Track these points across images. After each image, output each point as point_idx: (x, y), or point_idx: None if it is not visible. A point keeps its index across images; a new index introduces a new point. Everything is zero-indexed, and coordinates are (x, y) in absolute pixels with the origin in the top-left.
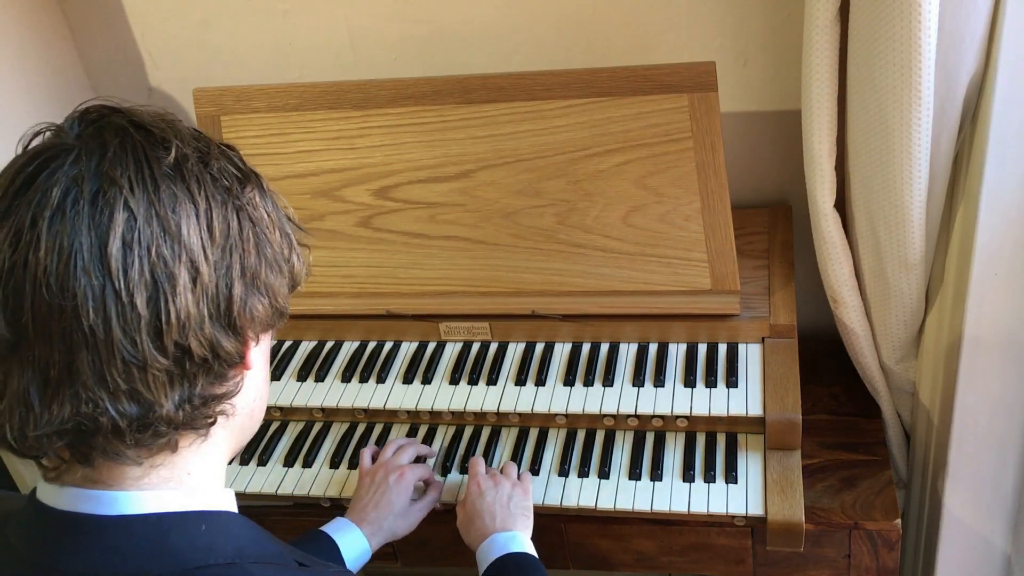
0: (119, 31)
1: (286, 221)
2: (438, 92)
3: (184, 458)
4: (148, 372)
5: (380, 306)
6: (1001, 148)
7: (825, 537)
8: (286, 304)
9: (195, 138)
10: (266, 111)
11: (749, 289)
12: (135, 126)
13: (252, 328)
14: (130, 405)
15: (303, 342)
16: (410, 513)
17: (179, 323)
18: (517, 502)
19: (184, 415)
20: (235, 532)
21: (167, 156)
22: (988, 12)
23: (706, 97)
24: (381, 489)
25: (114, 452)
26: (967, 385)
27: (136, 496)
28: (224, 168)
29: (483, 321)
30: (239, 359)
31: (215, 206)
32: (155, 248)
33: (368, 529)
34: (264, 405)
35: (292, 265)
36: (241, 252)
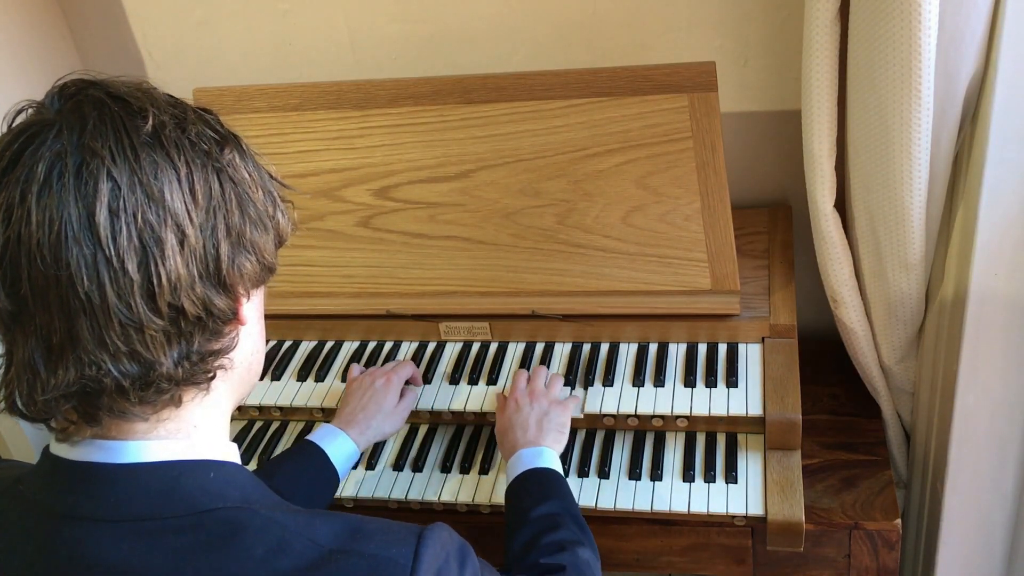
0: (119, 31)
1: (268, 180)
2: (438, 92)
3: (189, 411)
4: (145, 333)
5: (380, 306)
6: (1001, 148)
7: (825, 537)
8: (274, 260)
9: (172, 104)
10: (266, 111)
11: (749, 289)
12: (112, 97)
13: (242, 285)
14: (131, 365)
15: (303, 342)
16: (397, 412)
17: (171, 285)
18: (552, 418)
19: (184, 371)
20: (241, 480)
21: (145, 124)
22: (988, 12)
23: (706, 97)
24: (368, 394)
25: (120, 410)
26: (967, 385)
27: (146, 445)
28: (202, 132)
29: (483, 321)
30: (232, 315)
31: (195, 170)
32: (141, 214)
33: (355, 430)
34: (262, 359)
35: (277, 221)
36: (225, 212)
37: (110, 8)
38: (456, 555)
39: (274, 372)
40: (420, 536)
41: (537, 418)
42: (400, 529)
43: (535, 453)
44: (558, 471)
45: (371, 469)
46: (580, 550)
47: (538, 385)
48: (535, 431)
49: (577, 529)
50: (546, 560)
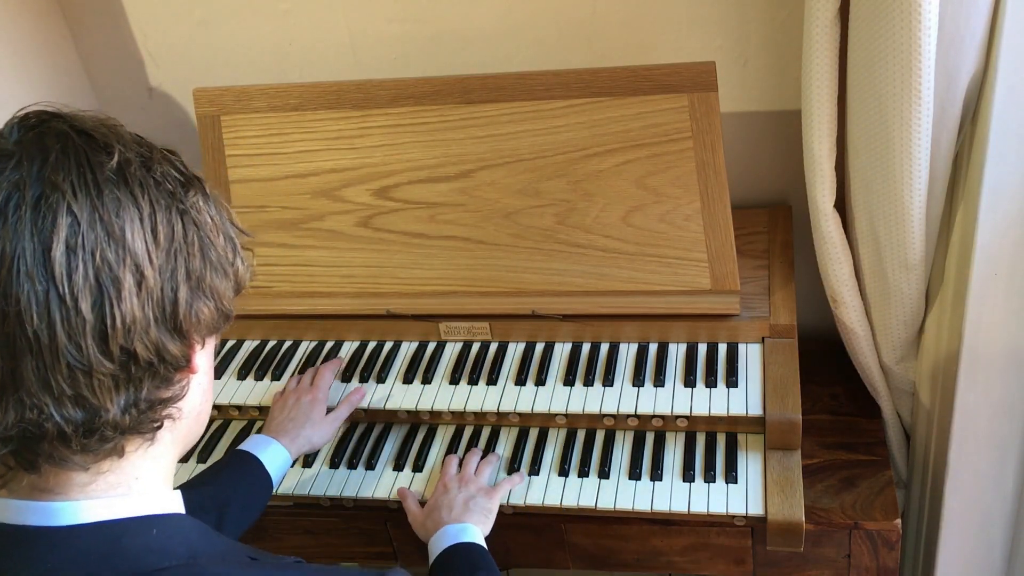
0: (119, 31)
1: (229, 225)
2: (438, 92)
3: (131, 463)
4: (93, 377)
5: (380, 306)
6: (1001, 148)
7: (825, 537)
8: (231, 307)
9: (137, 143)
10: (266, 111)
11: (749, 289)
12: (76, 131)
13: (198, 331)
14: (75, 410)
15: (303, 342)
16: (326, 423)
17: (124, 327)
18: (479, 502)
19: (130, 419)
20: (186, 533)
21: (109, 161)
22: (988, 12)
23: (706, 97)
24: (296, 407)
25: (60, 458)
26: (967, 385)
27: (85, 505)
28: (167, 172)
29: (483, 321)
30: (185, 363)
31: (159, 210)
32: (99, 252)
33: (286, 439)
34: (209, 408)
35: (236, 268)
36: (186, 256)
37: (110, 8)
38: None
39: (274, 372)
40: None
41: (464, 500)
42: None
43: (459, 529)
44: (483, 545)
45: (371, 469)
46: None
47: (468, 471)
48: (460, 510)
49: None
50: None
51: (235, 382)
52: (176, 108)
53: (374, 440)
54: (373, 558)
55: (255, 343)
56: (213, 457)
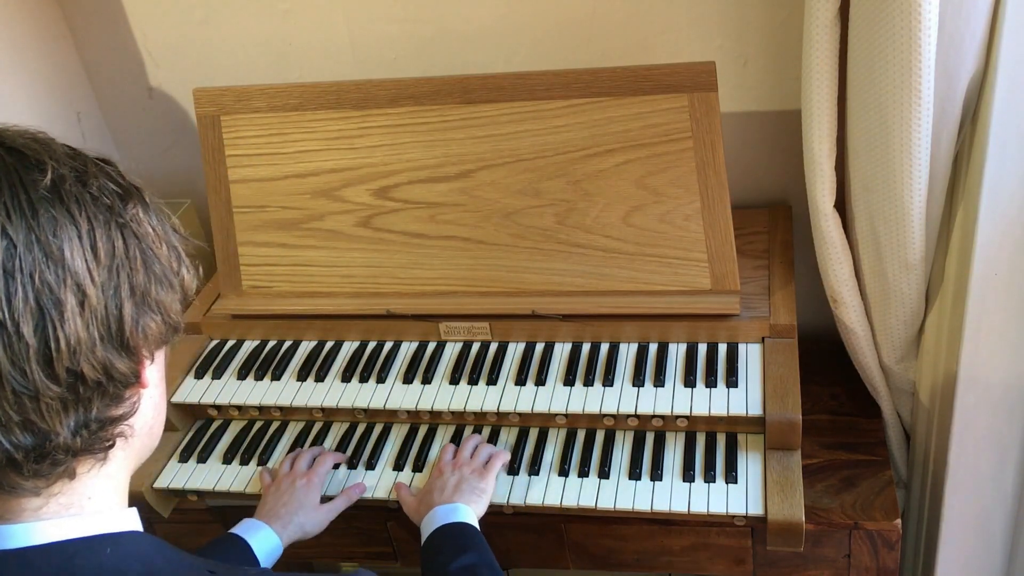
0: (119, 31)
1: (172, 233)
2: (438, 92)
3: (83, 483)
4: (40, 401)
5: (380, 306)
6: (1001, 148)
7: (825, 537)
8: (179, 319)
9: (71, 156)
10: (266, 111)
11: (749, 289)
12: (6, 149)
13: (146, 346)
14: (24, 436)
15: (303, 342)
16: (320, 510)
17: (69, 349)
18: (471, 482)
19: (82, 441)
20: (142, 551)
21: (43, 178)
22: (988, 12)
23: (706, 97)
24: (290, 492)
25: (10, 485)
26: (967, 385)
27: (36, 527)
28: (104, 186)
29: (483, 321)
30: (135, 379)
31: (98, 226)
32: (38, 274)
33: (278, 524)
34: (163, 421)
35: (182, 278)
36: (129, 271)
37: (110, 8)
38: None
39: (274, 372)
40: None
41: (455, 482)
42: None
43: (450, 509)
44: (474, 525)
45: (371, 469)
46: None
47: (463, 455)
48: (451, 492)
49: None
50: None
51: (235, 382)
52: (176, 108)
53: (374, 440)
54: (373, 558)
55: (255, 343)
56: (212, 458)
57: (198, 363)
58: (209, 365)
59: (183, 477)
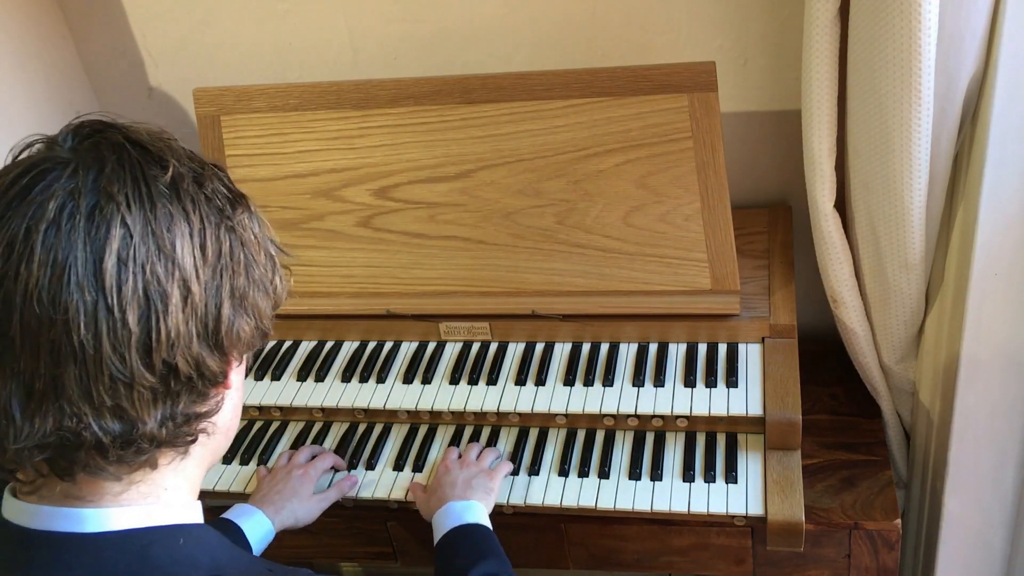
0: (119, 31)
1: (270, 243)
2: (438, 92)
3: (163, 474)
4: (134, 389)
5: (380, 306)
6: (1001, 148)
7: (825, 537)
8: (270, 325)
9: (190, 158)
10: (266, 111)
11: (749, 289)
12: (132, 143)
13: (237, 348)
14: (114, 422)
15: (303, 342)
16: (313, 500)
17: (168, 341)
18: (481, 481)
19: (167, 432)
20: (211, 544)
21: (164, 175)
22: (988, 12)
23: (706, 97)
24: (284, 481)
25: (96, 468)
26: (967, 385)
27: (116, 512)
28: (217, 189)
29: (483, 321)
30: (222, 378)
31: (208, 226)
32: (150, 266)
33: (270, 510)
34: (238, 424)
35: (275, 287)
36: (231, 273)
37: (110, 8)
38: None
39: (274, 372)
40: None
41: (466, 479)
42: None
43: (464, 507)
44: (488, 527)
45: (371, 469)
46: None
47: (469, 456)
48: (463, 488)
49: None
50: None
51: None
52: (176, 108)
53: (374, 440)
54: (373, 558)
55: None
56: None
57: None
58: None
59: None
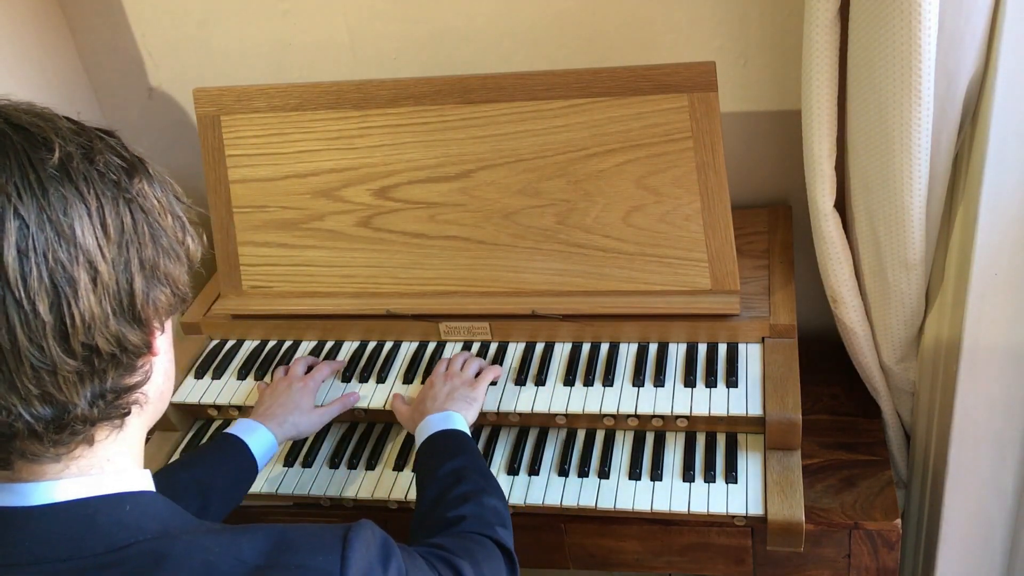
0: (119, 31)
1: (176, 203)
2: (438, 92)
3: (102, 447)
4: (58, 375)
5: (380, 306)
6: (1001, 148)
7: (825, 537)
8: (187, 289)
9: (76, 132)
10: (266, 111)
11: (749, 289)
12: (13, 127)
13: (156, 318)
14: (44, 408)
15: (303, 342)
16: (315, 412)
17: (84, 324)
18: (463, 392)
19: (99, 410)
20: (158, 509)
21: (51, 157)
22: (988, 12)
23: (706, 97)
24: (286, 393)
25: (32, 454)
26: (967, 385)
27: (58, 484)
28: (110, 161)
29: (483, 321)
30: (146, 349)
31: (106, 203)
32: (51, 253)
33: (273, 423)
34: (172, 385)
35: (187, 248)
36: (138, 245)
37: (110, 8)
38: (379, 553)
39: (274, 372)
40: (345, 539)
41: (447, 391)
42: (325, 534)
43: (442, 417)
44: (465, 432)
45: (371, 469)
46: (485, 498)
47: (454, 367)
48: (443, 400)
49: (481, 479)
50: (451, 513)
51: (235, 382)
52: (176, 108)
53: (374, 440)
54: None
55: (255, 343)
56: None
57: (198, 363)
58: (209, 365)
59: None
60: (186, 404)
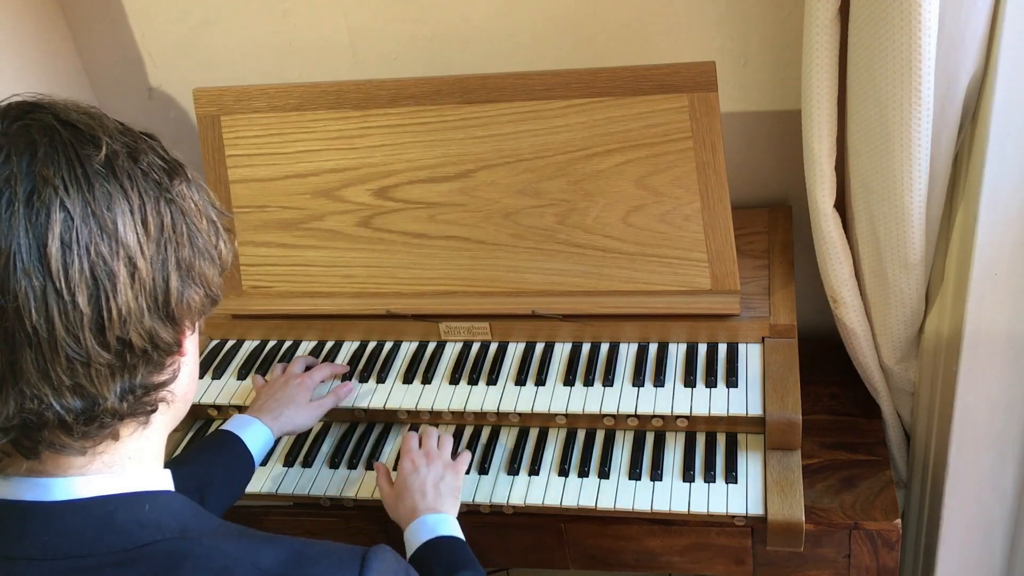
0: (119, 31)
1: (211, 208)
2: (438, 92)
3: (125, 444)
4: (91, 367)
5: (380, 306)
6: (1001, 148)
7: (825, 537)
8: (219, 291)
9: (122, 132)
10: (266, 111)
11: (749, 289)
12: (62, 123)
13: (188, 317)
14: (74, 399)
15: (303, 342)
16: (310, 407)
17: (120, 318)
18: (448, 483)
19: (127, 405)
20: (178, 509)
21: (98, 153)
22: (988, 12)
23: (706, 97)
24: (281, 389)
25: (60, 445)
26: (967, 385)
27: (81, 481)
28: (152, 162)
29: (483, 321)
30: (176, 348)
31: (148, 201)
32: (93, 246)
33: (268, 417)
34: (195, 387)
35: (220, 252)
36: (176, 245)
37: (110, 8)
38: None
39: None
40: (364, 559)
41: (434, 482)
42: (343, 552)
43: (438, 520)
44: (462, 539)
45: (371, 469)
46: None
47: (431, 446)
48: (433, 496)
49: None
50: None
51: (235, 382)
52: (176, 108)
53: (374, 440)
54: None
55: (255, 343)
56: None
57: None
58: (209, 365)
59: None
60: None
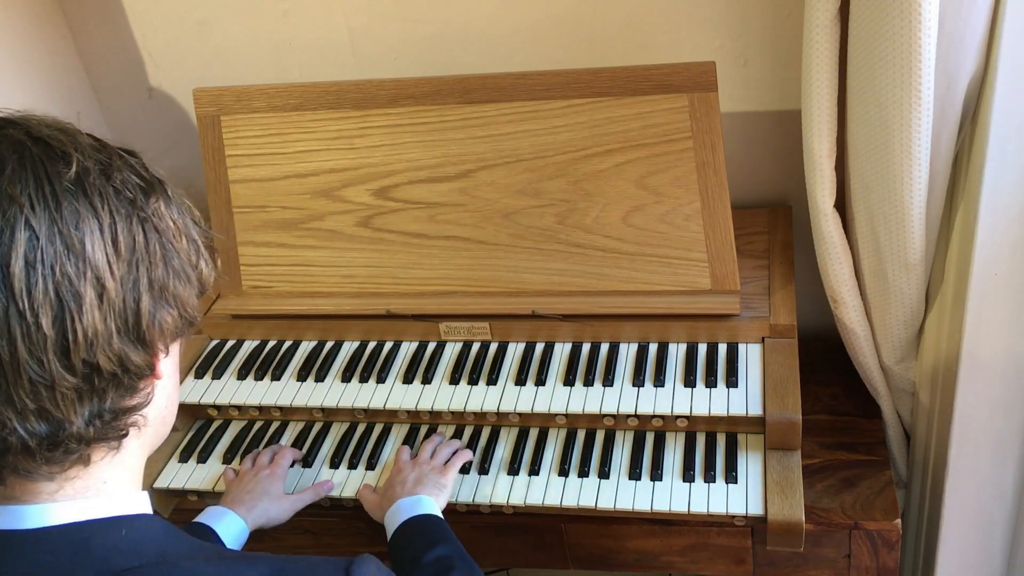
0: (119, 31)
1: (193, 227)
2: (438, 92)
3: (99, 469)
4: (56, 391)
5: (380, 306)
6: (1001, 148)
7: (825, 537)
8: (195, 313)
9: (96, 149)
10: (266, 111)
11: (749, 289)
12: (33, 139)
13: (162, 340)
14: (39, 424)
15: (303, 342)
16: (287, 500)
17: (86, 341)
18: (432, 478)
19: (95, 430)
20: (155, 533)
21: (68, 171)
22: (988, 12)
23: (706, 97)
24: (252, 482)
25: (25, 470)
26: (967, 385)
27: (53, 507)
28: (127, 179)
29: (483, 321)
30: (149, 371)
31: (119, 220)
32: (59, 266)
33: (242, 509)
34: (175, 410)
35: (200, 271)
36: (148, 265)
37: (110, 8)
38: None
39: (274, 372)
40: (347, 571)
41: (416, 477)
42: (327, 565)
43: (413, 501)
44: (439, 515)
45: (371, 469)
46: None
47: (423, 455)
48: (412, 485)
49: (468, 569)
50: None
51: (235, 382)
52: (176, 108)
53: (374, 440)
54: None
55: (255, 343)
56: (212, 458)
57: (198, 363)
58: (209, 365)
59: (183, 477)
60: (186, 404)
